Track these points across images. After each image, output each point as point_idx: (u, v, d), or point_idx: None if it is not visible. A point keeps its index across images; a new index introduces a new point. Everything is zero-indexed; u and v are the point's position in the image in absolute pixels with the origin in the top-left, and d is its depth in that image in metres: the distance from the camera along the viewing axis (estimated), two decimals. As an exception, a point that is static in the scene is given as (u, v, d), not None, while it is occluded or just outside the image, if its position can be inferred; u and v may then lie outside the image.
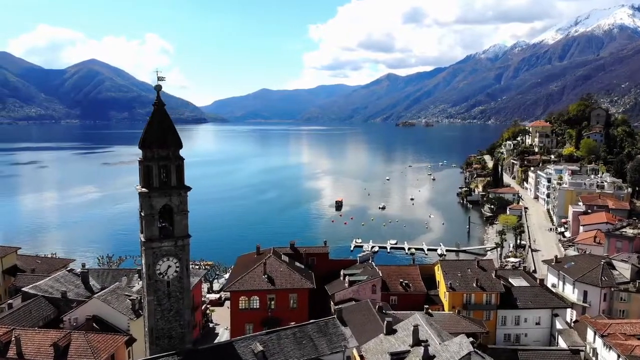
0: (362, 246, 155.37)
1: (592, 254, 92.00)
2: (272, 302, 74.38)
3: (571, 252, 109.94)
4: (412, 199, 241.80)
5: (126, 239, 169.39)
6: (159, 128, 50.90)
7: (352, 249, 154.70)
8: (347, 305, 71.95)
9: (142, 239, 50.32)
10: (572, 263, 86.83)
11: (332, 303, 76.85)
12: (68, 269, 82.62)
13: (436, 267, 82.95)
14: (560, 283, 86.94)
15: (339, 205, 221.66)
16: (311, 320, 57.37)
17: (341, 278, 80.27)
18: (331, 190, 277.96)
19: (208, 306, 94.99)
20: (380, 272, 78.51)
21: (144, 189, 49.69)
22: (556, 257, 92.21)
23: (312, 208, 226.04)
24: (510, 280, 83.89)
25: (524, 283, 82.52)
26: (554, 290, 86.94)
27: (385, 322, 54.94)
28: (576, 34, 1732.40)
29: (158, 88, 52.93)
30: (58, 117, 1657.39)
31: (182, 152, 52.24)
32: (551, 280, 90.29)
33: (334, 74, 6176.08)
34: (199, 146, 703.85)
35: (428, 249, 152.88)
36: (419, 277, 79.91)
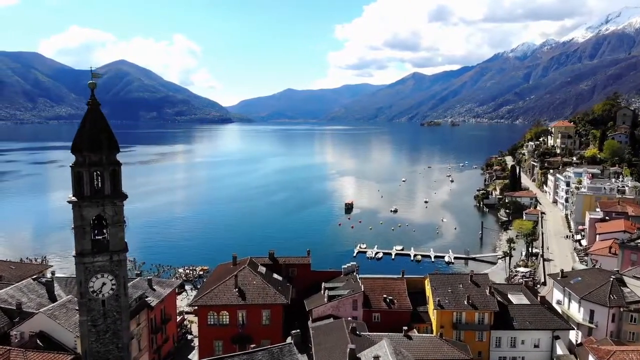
0: (365, 252, 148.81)
1: (601, 269, 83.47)
2: (243, 318, 68.65)
3: (579, 265, 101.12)
4: (426, 202, 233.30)
5: (128, 239, 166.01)
6: (91, 130, 45.90)
7: (355, 254, 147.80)
8: (320, 324, 65.97)
9: (73, 253, 45.60)
10: (579, 278, 78.69)
11: (310, 320, 70.87)
12: (34, 276, 78.16)
13: (426, 281, 75.99)
14: (566, 300, 78.97)
15: (348, 208, 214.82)
16: (285, 341, 51.86)
17: (322, 292, 74.07)
18: (344, 191, 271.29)
19: (187, 317, 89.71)
20: (363, 286, 72.09)
21: (73, 198, 44.73)
22: (562, 270, 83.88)
23: (320, 210, 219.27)
24: (509, 296, 76.52)
25: (524, 300, 75.02)
26: (559, 307, 79.18)
27: (348, 349, 48.64)
28: (607, 32, 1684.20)
29: (92, 86, 48.09)
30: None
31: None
32: (557, 296, 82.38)
33: (359, 73, 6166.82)
34: (221, 146, 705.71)
35: (435, 256, 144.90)
36: (405, 292, 73.03)
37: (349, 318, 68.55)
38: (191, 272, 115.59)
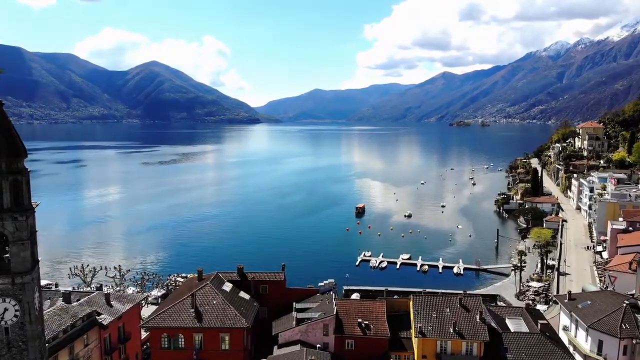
0: (369, 260, 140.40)
1: (614, 292, 73.40)
2: (201, 342, 61.59)
3: (590, 286, 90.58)
4: (443, 207, 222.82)
5: (119, 245, 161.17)
6: (-12, 133, 39.18)
7: (357, 263, 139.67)
8: (280, 352, 58.57)
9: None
10: (588, 302, 69.00)
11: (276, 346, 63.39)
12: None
13: (410, 303, 67.53)
14: (573, 326, 69.53)
15: (359, 212, 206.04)
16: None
17: (293, 313, 66.43)
18: (358, 194, 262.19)
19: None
20: (336, 307, 64.06)
21: (-34, 213, 38.45)
22: (569, 292, 74.26)
23: (330, 214, 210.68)
24: (507, 321, 67.68)
25: (523, 327, 65.96)
26: (565, 335, 69.92)
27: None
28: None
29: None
30: (120, 116, 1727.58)
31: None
32: (564, 321, 72.89)
33: (387, 73, 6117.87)
34: (245, 147, 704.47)
35: (444, 267, 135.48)
36: (384, 315, 64.53)
37: (319, 345, 61.07)
38: (175, 281, 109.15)
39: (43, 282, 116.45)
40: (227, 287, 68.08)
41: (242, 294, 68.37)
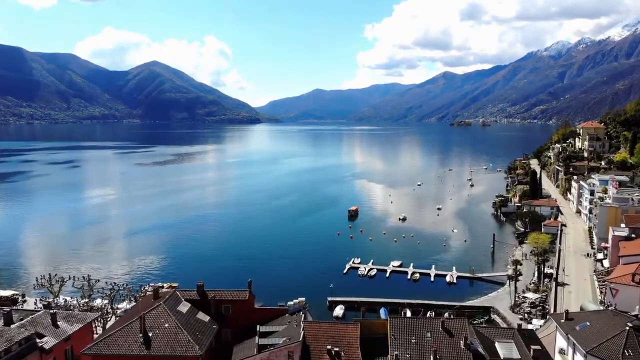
0: (358, 268, 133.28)
1: (615, 311, 66.00)
2: (150, 371, 54.66)
3: (589, 305, 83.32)
4: (439, 209, 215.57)
5: (92, 253, 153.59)
6: None
7: (345, 271, 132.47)
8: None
9: None
10: (587, 323, 62.04)
11: (236, 372, 56.43)
12: None
13: (388, 326, 60.54)
14: (570, 350, 62.52)
15: (352, 215, 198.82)
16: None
17: (255, 338, 59.37)
18: (352, 196, 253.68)
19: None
20: (303, 332, 57.07)
21: None
22: (566, 311, 67.26)
23: (322, 217, 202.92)
24: (496, 345, 60.54)
25: (514, 352, 58.87)
26: (562, 359, 62.87)
27: None
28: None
29: None
30: (120, 116, 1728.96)
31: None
32: (560, 343, 65.88)
33: (388, 73, 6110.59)
34: (242, 147, 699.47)
35: (436, 275, 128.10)
36: (356, 341, 57.47)
37: (282, 375, 54.12)
38: (146, 293, 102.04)
39: (8, 293, 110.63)
40: (184, 307, 61.05)
41: (201, 316, 61.30)
